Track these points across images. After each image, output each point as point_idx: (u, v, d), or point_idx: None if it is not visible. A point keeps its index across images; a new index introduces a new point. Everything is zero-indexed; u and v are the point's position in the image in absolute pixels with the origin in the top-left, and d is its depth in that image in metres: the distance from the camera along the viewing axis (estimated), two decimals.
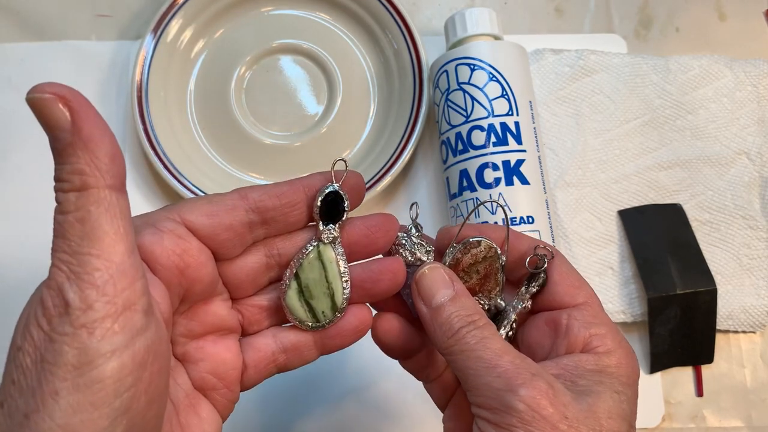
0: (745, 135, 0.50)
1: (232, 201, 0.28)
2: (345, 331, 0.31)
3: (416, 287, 0.30)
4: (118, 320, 0.22)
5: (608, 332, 0.29)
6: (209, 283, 0.28)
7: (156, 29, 0.50)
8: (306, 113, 0.52)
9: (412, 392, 0.46)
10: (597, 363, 0.28)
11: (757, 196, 0.49)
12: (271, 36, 0.53)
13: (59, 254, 0.22)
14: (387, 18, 0.51)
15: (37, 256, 0.49)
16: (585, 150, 0.49)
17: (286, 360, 0.31)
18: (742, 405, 0.46)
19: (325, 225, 0.30)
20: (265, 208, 0.29)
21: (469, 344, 0.27)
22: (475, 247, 0.31)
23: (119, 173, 0.23)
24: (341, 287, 0.30)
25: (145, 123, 0.49)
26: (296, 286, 0.30)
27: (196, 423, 0.28)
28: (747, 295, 0.47)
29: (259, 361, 0.31)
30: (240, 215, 0.28)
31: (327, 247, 0.30)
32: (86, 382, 0.21)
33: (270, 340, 0.31)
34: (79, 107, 0.22)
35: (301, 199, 0.29)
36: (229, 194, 0.29)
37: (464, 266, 0.32)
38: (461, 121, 0.45)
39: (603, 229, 0.48)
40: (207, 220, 0.28)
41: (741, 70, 0.51)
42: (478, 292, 0.32)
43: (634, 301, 0.47)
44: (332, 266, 0.30)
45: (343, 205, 0.30)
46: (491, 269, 0.32)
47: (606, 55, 0.51)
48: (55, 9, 0.55)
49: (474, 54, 0.45)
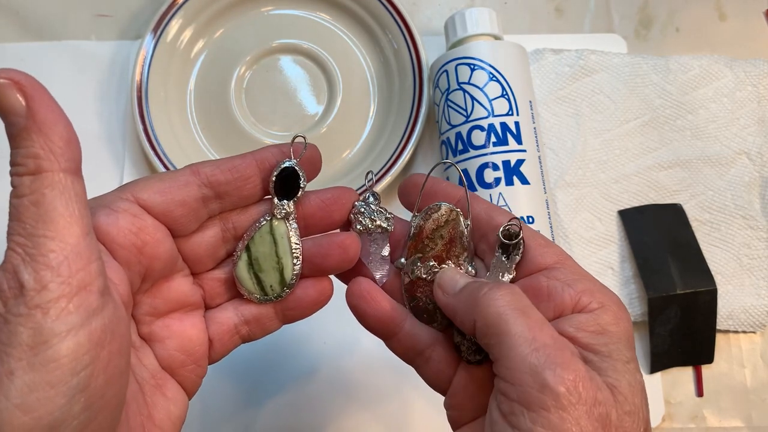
0: (745, 135, 0.50)
1: (185, 177, 0.28)
2: (304, 302, 0.31)
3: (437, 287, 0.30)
4: (73, 300, 0.22)
5: (593, 286, 0.28)
6: (168, 259, 0.29)
7: (156, 29, 0.50)
8: (306, 113, 0.52)
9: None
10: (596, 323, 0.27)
11: (757, 196, 0.49)
12: (271, 36, 0.53)
13: (14, 237, 0.22)
14: (387, 18, 0.51)
15: None
16: (585, 150, 0.49)
17: (249, 331, 0.31)
18: (742, 405, 0.46)
19: (279, 200, 0.30)
20: (218, 182, 0.29)
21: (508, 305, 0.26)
22: (436, 212, 0.31)
23: (74, 157, 0.23)
24: (291, 263, 0.30)
25: (145, 123, 0.49)
26: (246, 258, 0.31)
27: (162, 403, 0.29)
28: (747, 295, 0.47)
29: (222, 334, 0.31)
30: (193, 191, 0.28)
31: (280, 222, 0.30)
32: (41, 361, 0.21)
33: (231, 313, 0.31)
34: (34, 92, 0.22)
35: (254, 173, 0.30)
36: (181, 170, 0.29)
37: (427, 233, 0.31)
38: (461, 121, 0.45)
39: (603, 229, 0.48)
40: (160, 197, 0.28)
41: (741, 70, 0.51)
42: (445, 259, 0.31)
43: (635, 301, 0.47)
44: (283, 241, 0.30)
45: (298, 181, 0.30)
46: (455, 233, 0.31)
47: (606, 55, 0.51)
48: (55, 9, 0.55)
49: (474, 54, 0.45)
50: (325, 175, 0.51)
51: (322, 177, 0.51)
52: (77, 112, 0.52)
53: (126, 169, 0.50)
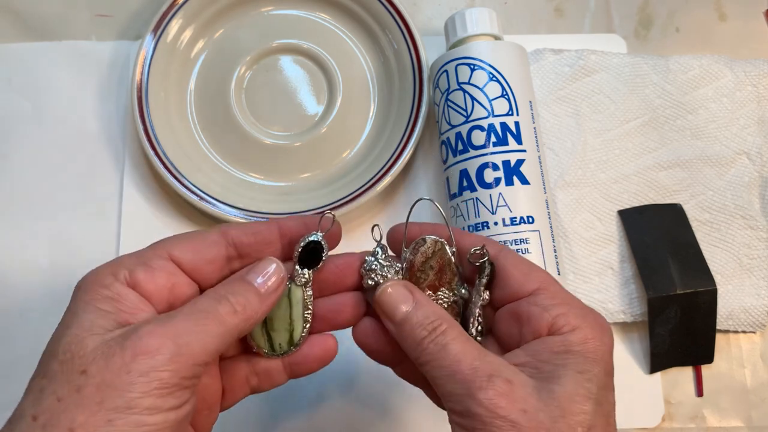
0: (745, 135, 0.50)
1: (213, 237, 0.32)
2: (310, 358, 0.34)
3: (378, 308, 0.32)
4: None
5: (570, 310, 0.30)
6: None
7: (156, 29, 0.50)
8: (306, 113, 0.52)
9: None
10: (563, 343, 0.29)
11: (757, 196, 0.49)
12: (271, 36, 0.53)
13: None
14: (387, 18, 0.51)
15: (37, 255, 0.49)
16: (585, 150, 0.49)
17: (258, 382, 0.34)
18: (742, 405, 0.46)
19: (300, 269, 0.33)
20: (242, 244, 0.32)
21: (432, 353, 0.29)
22: (422, 245, 0.33)
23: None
24: (301, 327, 0.33)
25: (145, 123, 0.49)
26: None
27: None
28: (747, 295, 0.47)
29: (234, 384, 0.33)
30: (221, 250, 0.32)
31: (298, 288, 0.33)
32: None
33: (243, 364, 0.33)
34: None
35: (275, 239, 0.33)
36: (211, 231, 0.32)
37: (418, 266, 0.33)
38: (461, 121, 0.45)
39: (603, 229, 0.48)
40: (192, 254, 0.31)
41: (741, 70, 0.51)
42: (439, 286, 0.33)
43: (634, 301, 0.47)
44: (298, 306, 0.33)
45: (321, 254, 0.33)
46: (443, 261, 0.33)
47: (606, 55, 0.51)
48: (55, 9, 0.55)
49: (474, 54, 0.45)
50: (326, 175, 0.51)
51: (321, 177, 0.51)
52: (77, 113, 0.52)
53: (126, 169, 0.50)
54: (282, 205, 0.49)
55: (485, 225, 0.42)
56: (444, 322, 0.30)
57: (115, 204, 0.50)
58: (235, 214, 0.47)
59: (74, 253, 0.49)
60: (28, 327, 0.47)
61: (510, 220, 0.42)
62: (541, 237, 0.42)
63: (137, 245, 0.48)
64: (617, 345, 0.47)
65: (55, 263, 0.48)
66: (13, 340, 0.47)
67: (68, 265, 0.48)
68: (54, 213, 0.50)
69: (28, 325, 0.47)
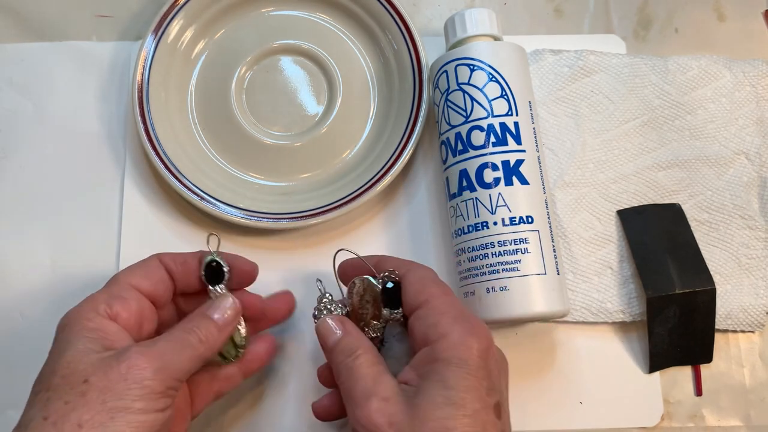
0: (743, 135, 0.50)
1: (154, 262, 0.38)
2: (257, 356, 0.40)
3: (317, 335, 0.37)
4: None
5: (441, 319, 0.33)
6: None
7: (157, 30, 0.51)
8: (306, 113, 0.52)
9: None
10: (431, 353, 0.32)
11: (756, 196, 0.49)
12: (272, 36, 0.53)
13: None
14: (387, 18, 0.51)
15: (38, 255, 0.49)
16: (584, 150, 0.50)
17: (220, 387, 0.39)
18: (740, 404, 0.46)
19: (212, 287, 0.39)
20: (171, 270, 0.39)
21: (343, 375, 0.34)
22: (354, 287, 0.39)
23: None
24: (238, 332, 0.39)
25: (146, 123, 0.49)
26: None
27: None
28: (746, 295, 0.47)
29: (201, 391, 0.39)
30: (163, 272, 0.38)
31: None
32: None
33: (205, 374, 0.39)
34: None
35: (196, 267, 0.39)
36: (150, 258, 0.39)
37: (357, 305, 0.38)
38: (461, 122, 0.45)
39: (602, 228, 0.48)
40: (146, 280, 0.37)
41: (740, 71, 0.51)
42: (378, 315, 0.38)
43: (633, 301, 0.47)
44: None
45: (222, 268, 0.39)
46: (374, 294, 0.38)
47: (605, 56, 0.52)
48: (56, 9, 0.55)
49: (474, 54, 0.45)
50: (326, 175, 0.51)
51: (322, 177, 0.51)
52: (78, 113, 0.52)
53: (127, 170, 0.51)
54: (282, 205, 0.49)
55: (485, 225, 0.43)
56: (361, 349, 0.35)
57: (115, 204, 0.50)
58: (235, 214, 0.47)
59: (75, 252, 0.49)
60: (29, 326, 0.47)
61: (509, 220, 0.42)
62: (540, 237, 0.42)
63: (138, 245, 0.49)
64: (616, 345, 0.47)
65: (56, 263, 0.49)
66: (14, 340, 0.47)
67: (69, 265, 0.48)
68: (55, 213, 0.50)
69: (29, 325, 0.47)
